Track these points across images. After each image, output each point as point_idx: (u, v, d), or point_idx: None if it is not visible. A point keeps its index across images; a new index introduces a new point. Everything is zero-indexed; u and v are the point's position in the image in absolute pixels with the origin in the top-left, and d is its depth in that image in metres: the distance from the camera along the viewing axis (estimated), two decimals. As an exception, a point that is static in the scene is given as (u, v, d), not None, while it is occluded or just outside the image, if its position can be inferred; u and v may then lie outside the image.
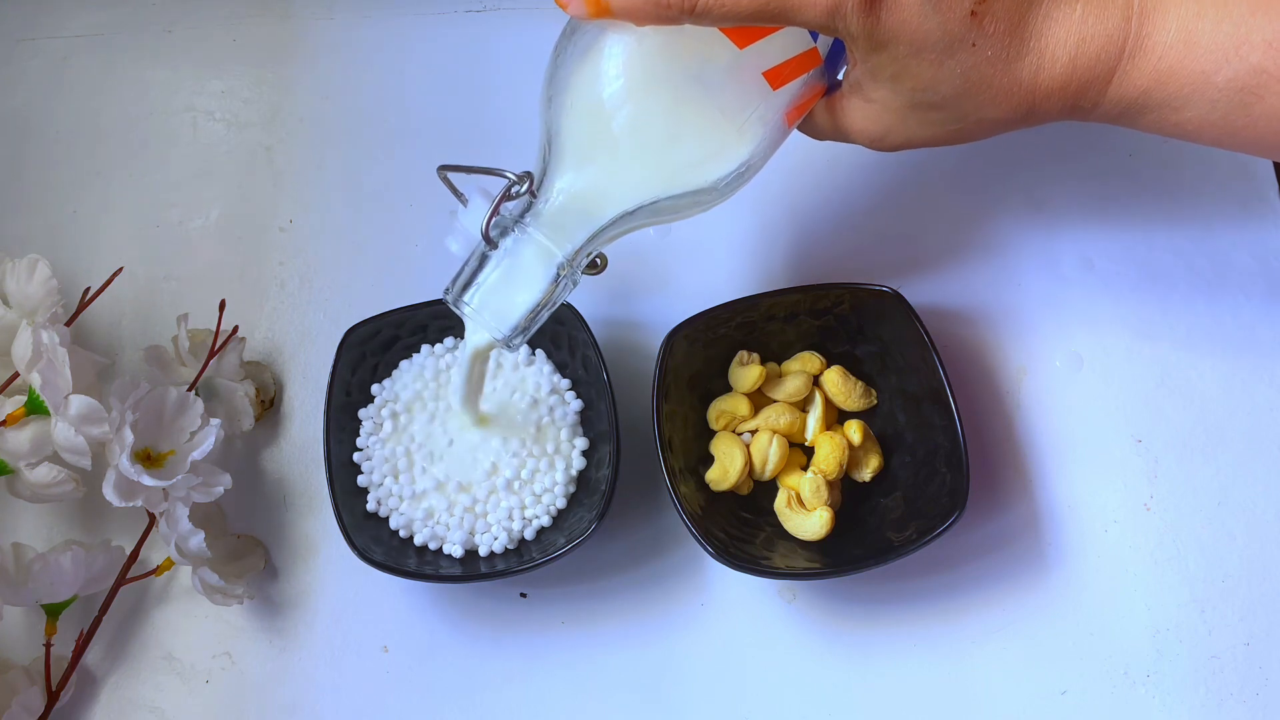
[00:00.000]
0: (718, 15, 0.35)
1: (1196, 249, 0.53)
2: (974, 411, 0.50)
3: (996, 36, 0.36)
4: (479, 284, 0.38)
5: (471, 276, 0.39)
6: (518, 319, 0.39)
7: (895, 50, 0.35)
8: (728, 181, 0.39)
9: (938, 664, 0.47)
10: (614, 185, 0.38)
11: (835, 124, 0.41)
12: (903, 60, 0.36)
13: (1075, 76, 0.37)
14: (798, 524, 0.46)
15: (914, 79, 0.36)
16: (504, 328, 0.39)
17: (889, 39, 0.35)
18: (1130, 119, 0.39)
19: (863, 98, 0.39)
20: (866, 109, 0.39)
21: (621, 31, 0.37)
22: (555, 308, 0.39)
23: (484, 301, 0.38)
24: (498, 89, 0.57)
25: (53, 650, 0.45)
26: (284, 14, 0.59)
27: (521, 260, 0.38)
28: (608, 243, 0.39)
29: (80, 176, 0.56)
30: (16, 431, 0.44)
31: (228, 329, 0.50)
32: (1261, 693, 0.46)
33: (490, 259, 0.38)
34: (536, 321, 0.39)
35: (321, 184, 0.56)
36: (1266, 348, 0.51)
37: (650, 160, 0.38)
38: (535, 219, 0.38)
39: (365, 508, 0.47)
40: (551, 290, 0.38)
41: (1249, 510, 0.49)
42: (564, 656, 0.47)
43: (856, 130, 0.40)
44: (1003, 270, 0.53)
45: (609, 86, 0.37)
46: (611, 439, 0.46)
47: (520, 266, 0.38)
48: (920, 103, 0.37)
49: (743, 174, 0.39)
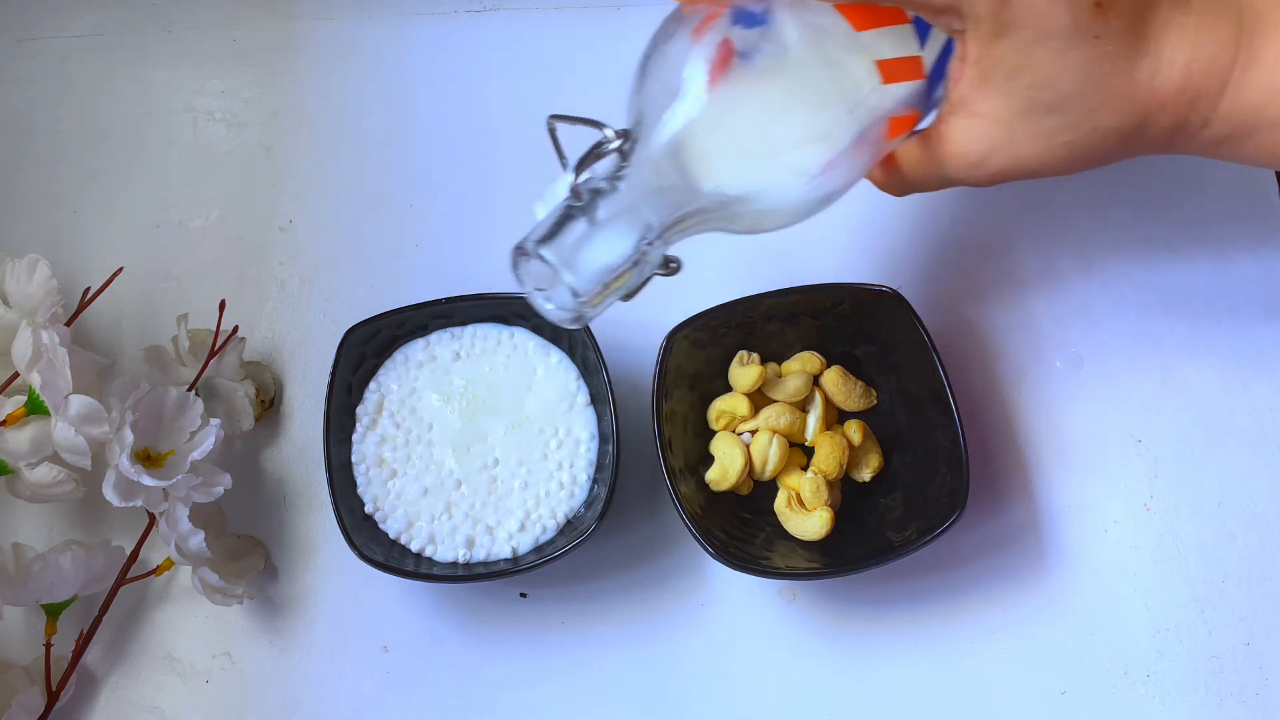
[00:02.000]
0: None
1: (1197, 249, 0.53)
2: (974, 411, 0.50)
3: (1118, 32, 0.35)
4: (559, 240, 0.36)
5: (551, 230, 0.36)
6: (592, 290, 0.36)
7: (1019, 36, 0.35)
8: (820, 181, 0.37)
9: (938, 664, 0.47)
10: (709, 155, 0.36)
11: (929, 154, 0.39)
12: (1025, 48, 0.35)
13: (1190, 84, 0.36)
14: (798, 524, 0.46)
15: (1034, 71, 0.35)
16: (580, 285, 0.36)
17: (1015, 22, 0.34)
18: (1237, 142, 0.38)
19: (967, 114, 0.37)
20: (970, 126, 0.37)
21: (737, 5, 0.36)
22: (625, 292, 0.37)
23: (563, 255, 0.36)
24: (498, 89, 0.57)
25: (53, 650, 0.45)
26: (284, 14, 0.59)
27: (605, 222, 0.36)
28: (686, 234, 0.37)
29: (80, 176, 0.56)
30: (16, 431, 0.44)
31: (228, 329, 0.50)
32: (1261, 693, 0.46)
33: (573, 216, 0.36)
34: (608, 299, 0.37)
35: (321, 184, 0.56)
36: (1266, 348, 0.51)
37: (755, 131, 0.36)
38: (626, 182, 0.36)
39: (365, 508, 0.46)
40: (628, 266, 0.36)
41: (1249, 510, 0.49)
42: (564, 656, 0.47)
43: (956, 155, 0.38)
44: (1003, 270, 0.53)
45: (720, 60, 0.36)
46: (612, 439, 0.46)
47: (603, 228, 0.36)
48: (1036, 104, 0.36)
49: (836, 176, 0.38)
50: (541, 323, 0.49)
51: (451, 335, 0.49)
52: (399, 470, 0.47)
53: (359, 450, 0.47)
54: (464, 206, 0.55)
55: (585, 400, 0.48)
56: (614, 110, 0.56)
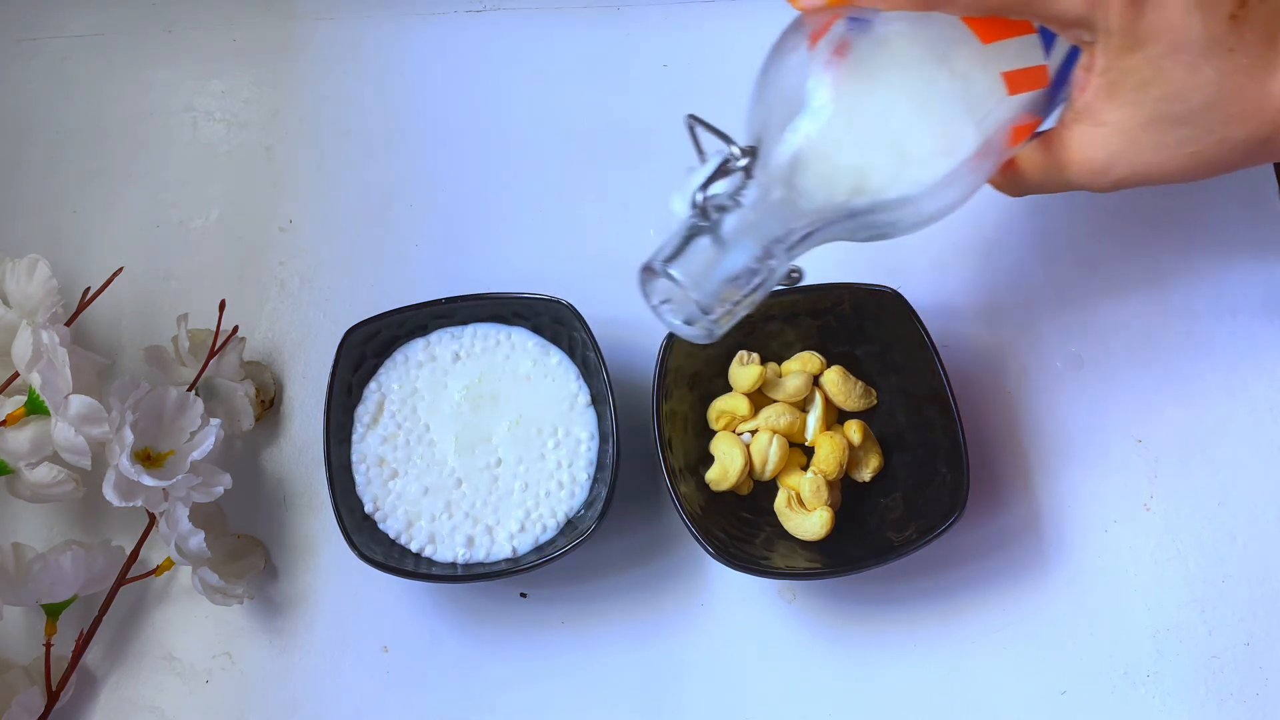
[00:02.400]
0: (969, 2, 0.34)
1: (1197, 249, 0.53)
2: (974, 411, 0.50)
3: (1253, 45, 0.35)
4: (685, 258, 0.36)
5: (678, 249, 0.36)
6: (722, 304, 0.37)
7: (1152, 50, 0.34)
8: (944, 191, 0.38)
9: (938, 664, 0.47)
10: (837, 170, 0.36)
11: (1051, 160, 0.39)
12: (1157, 62, 0.35)
13: None
14: (798, 524, 0.46)
15: (1165, 85, 0.35)
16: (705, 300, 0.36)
17: (1148, 36, 0.34)
18: None
19: (1092, 122, 0.37)
20: (1094, 134, 0.37)
21: (860, 19, 0.37)
22: (753, 303, 0.37)
23: (689, 272, 0.36)
24: (498, 89, 0.57)
25: (53, 650, 0.45)
26: (284, 14, 0.59)
27: (729, 238, 0.36)
28: (812, 244, 0.38)
29: (80, 176, 0.56)
30: (16, 431, 0.44)
31: (228, 329, 0.50)
32: (1261, 693, 0.46)
33: (698, 234, 0.36)
34: (736, 314, 0.37)
35: (321, 184, 0.56)
36: (1266, 348, 0.51)
37: (882, 145, 0.37)
38: (749, 198, 0.36)
39: (365, 508, 0.46)
40: (755, 282, 0.37)
41: (1249, 510, 0.49)
42: (564, 656, 0.47)
43: (1079, 162, 0.38)
44: (1003, 270, 0.53)
45: (846, 74, 0.36)
46: (612, 439, 0.46)
47: (728, 244, 0.36)
48: (1164, 116, 0.36)
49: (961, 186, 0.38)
50: (541, 323, 0.49)
51: (452, 335, 0.49)
52: (399, 470, 0.47)
53: (359, 450, 0.47)
54: (464, 206, 0.55)
55: (585, 400, 0.48)
56: (614, 109, 0.57)
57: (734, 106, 0.56)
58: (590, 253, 0.54)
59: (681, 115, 0.37)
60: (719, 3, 0.58)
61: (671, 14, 0.58)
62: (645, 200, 0.55)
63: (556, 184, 0.55)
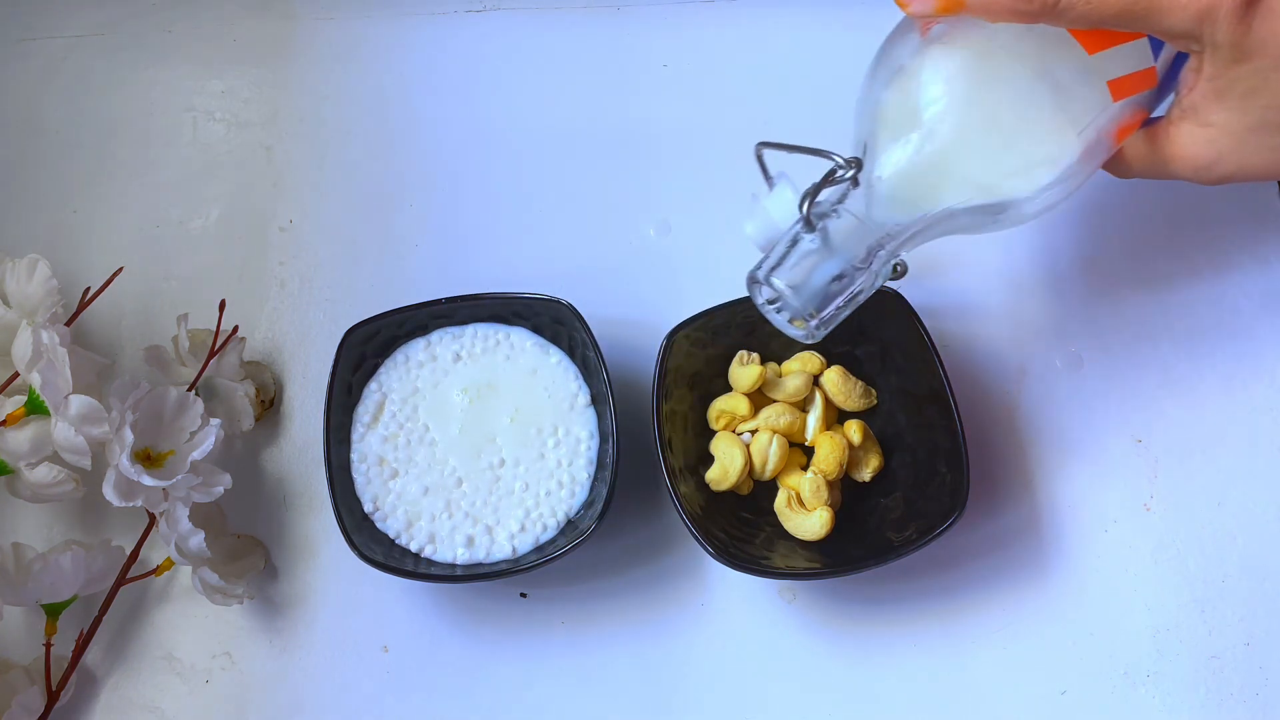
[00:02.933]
0: (1079, 14, 0.35)
1: (1196, 249, 0.53)
2: (974, 411, 0.50)
3: None
4: (791, 264, 0.38)
5: (782, 258, 0.38)
6: (827, 307, 0.38)
7: (1259, 62, 0.35)
8: (1047, 194, 0.39)
9: (938, 664, 0.47)
10: (944, 180, 0.37)
11: (1156, 153, 0.39)
12: (1264, 74, 0.35)
13: None
14: (798, 524, 0.46)
15: (1271, 94, 0.36)
16: (809, 308, 0.38)
17: (1256, 49, 0.35)
18: None
19: (1197, 121, 0.38)
20: (1200, 134, 0.38)
21: (965, 29, 0.37)
22: (859, 304, 0.39)
23: (794, 282, 0.38)
24: (498, 89, 0.57)
25: (53, 650, 0.45)
26: (284, 14, 0.59)
27: (835, 246, 0.38)
28: (915, 245, 0.39)
29: (80, 176, 0.56)
30: (16, 431, 0.44)
31: (228, 329, 0.50)
32: (1261, 693, 0.46)
33: (803, 243, 0.38)
34: (841, 313, 0.39)
35: (321, 184, 0.56)
36: (1266, 348, 0.51)
37: (985, 157, 0.38)
38: (855, 206, 0.38)
39: (364, 508, 0.46)
40: (861, 281, 0.38)
41: (1249, 510, 0.49)
42: (564, 657, 0.47)
43: (1183, 158, 0.39)
44: (1003, 270, 0.53)
45: (951, 82, 0.37)
46: (611, 438, 0.46)
47: (834, 251, 0.38)
48: (1269, 122, 0.37)
49: (1064, 187, 0.39)
50: (541, 323, 0.49)
51: (452, 335, 0.49)
52: (399, 470, 0.47)
53: (359, 450, 0.47)
54: (464, 206, 0.55)
55: (585, 400, 0.48)
56: (614, 109, 0.57)
57: (734, 107, 0.57)
58: (590, 253, 0.54)
59: (681, 115, 0.37)
60: (719, 3, 0.58)
61: (671, 14, 0.58)
62: (645, 200, 0.55)
63: (556, 184, 0.55)
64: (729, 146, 0.55)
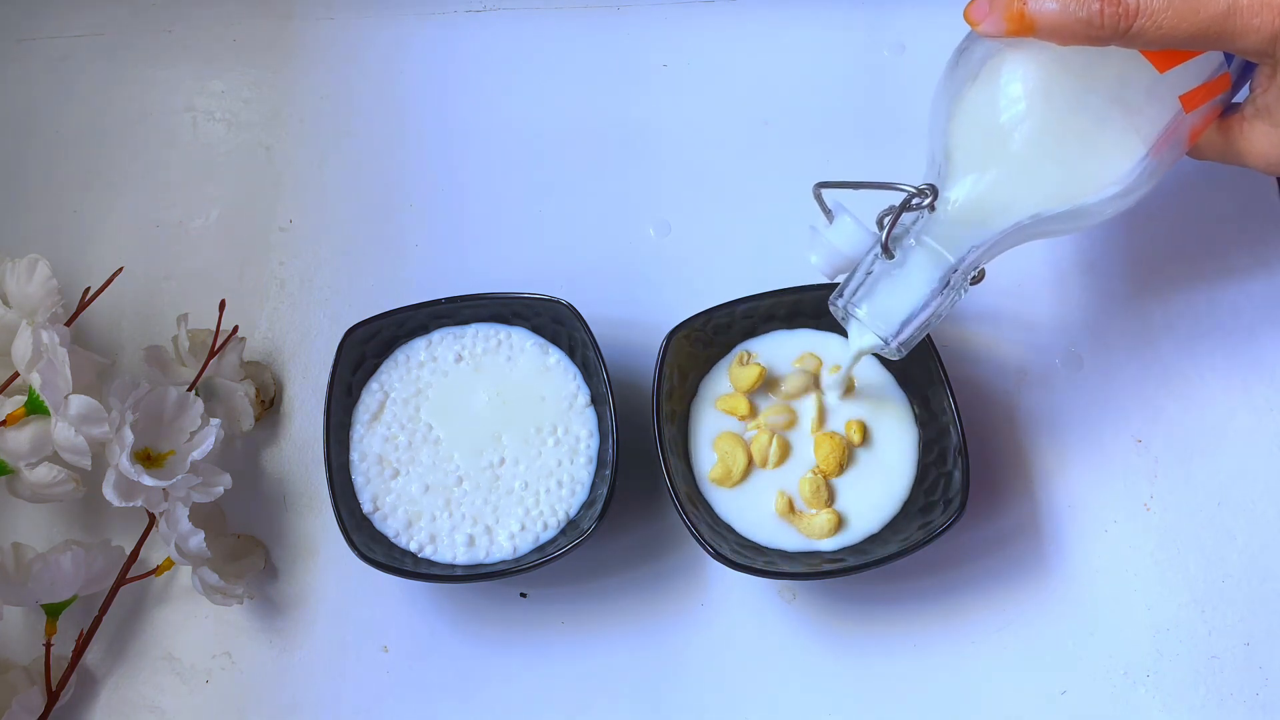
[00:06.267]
0: (1151, 38, 0.35)
1: (1197, 249, 0.53)
2: (974, 411, 0.50)
3: None
4: (871, 292, 0.39)
5: (862, 284, 0.40)
6: (907, 329, 0.40)
7: None
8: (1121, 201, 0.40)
9: (938, 664, 0.47)
10: (1016, 199, 0.38)
11: (1229, 146, 0.42)
12: None
13: None
14: (807, 524, 0.46)
15: None
16: (892, 335, 0.40)
17: None
18: None
19: (1270, 122, 0.40)
20: (1272, 131, 0.40)
21: (1034, 49, 0.38)
22: (942, 319, 0.40)
23: (875, 309, 0.39)
24: (498, 89, 0.57)
25: (53, 650, 0.45)
26: (284, 14, 0.59)
27: (913, 270, 0.39)
28: (993, 256, 0.40)
29: (80, 176, 0.56)
30: (16, 431, 0.44)
31: (228, 329, 0.50)
32: (1261, 693, 0.46)
33: (881, 267, 0.39)
34: (923, 330, 0.40)
35: (321, 184, 0.56)
36: (1266, 348, 0.51)
37: (1058, 176, 0.39)
38: (931, 230, 0.39)
39: (364, 508, 0.46)
40: (941, 300, 0.39)
41: (1249, 510, 0.49)
42: (564, 656, 0.47)
43: (1255, 154, 0.41)
44: (1003, 270, 0.52)
45: (1020, 103, 0.38)
46: (611, 438, 0.46)
47: (911, 276, 0.39)
48: None
49: (1140, 191, 0.40)
50: (541, 323, 0.49)
51: (452, 335, 0.49)
52: (399, 470, 0.47)
53: (359, 450, 0.47)
54: (464, 206, 0.55)
55: (585, 400, 0.48)
56: (614, 109, 0.57)
57: (734, 107, 0.56)
58: (590, 253, 0.54)
59: (681, 115, 0.37)
60: (719, 3, 0.58)
61: (671, 14, 0.58)
62: (645, 200, 0.55)
63: (556, 184, 0.55)
64: (729, 147, 0.56)
